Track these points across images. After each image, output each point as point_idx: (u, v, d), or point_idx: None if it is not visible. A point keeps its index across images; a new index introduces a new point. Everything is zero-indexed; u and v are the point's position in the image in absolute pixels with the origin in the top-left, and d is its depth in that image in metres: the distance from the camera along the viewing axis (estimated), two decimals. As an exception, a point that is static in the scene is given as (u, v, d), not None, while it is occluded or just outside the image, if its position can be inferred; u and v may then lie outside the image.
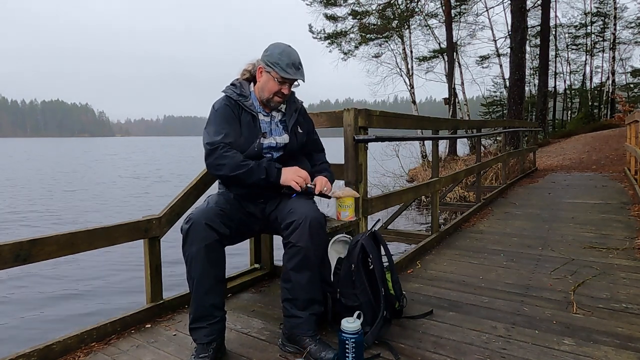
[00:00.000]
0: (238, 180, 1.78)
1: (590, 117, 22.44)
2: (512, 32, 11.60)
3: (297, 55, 1.85)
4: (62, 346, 1.75)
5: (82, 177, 18.69)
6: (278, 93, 1.85)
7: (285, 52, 1.82)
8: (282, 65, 1.80)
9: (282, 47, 1.84)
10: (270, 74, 1.83)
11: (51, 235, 1.72)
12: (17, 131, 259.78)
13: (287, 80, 1.83)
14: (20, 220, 8.98)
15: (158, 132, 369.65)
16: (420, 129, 4.27)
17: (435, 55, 19.63)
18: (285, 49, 1.84)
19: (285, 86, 1.85)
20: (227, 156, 1.75)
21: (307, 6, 18.24)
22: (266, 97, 1.87)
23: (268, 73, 1.83)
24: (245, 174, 1.74)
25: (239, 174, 1.75)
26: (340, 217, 2.27)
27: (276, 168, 1.78)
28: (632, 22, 24.02)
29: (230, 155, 1.76)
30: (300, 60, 1.85)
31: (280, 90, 1.84)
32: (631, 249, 3.25)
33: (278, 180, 1.78)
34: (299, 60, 1.84)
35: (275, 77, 1.82)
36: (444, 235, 3.79)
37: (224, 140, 1.78)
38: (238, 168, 1.74)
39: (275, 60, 1.81)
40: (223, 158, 1.76)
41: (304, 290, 1.74)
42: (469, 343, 1.84)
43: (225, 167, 1.75)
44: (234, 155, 1.76)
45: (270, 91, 1.85)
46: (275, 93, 1.85)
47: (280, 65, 1.80)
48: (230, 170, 1.75)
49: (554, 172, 9.14)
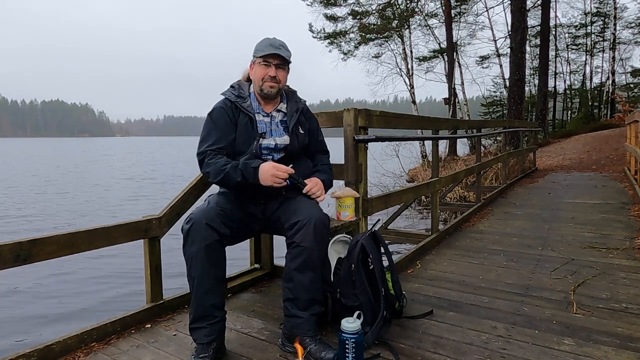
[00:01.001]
0: (224, 185, 1.82)
1: (590, 117, 22.44)
2: (512, 32, 11.60)
3: (278, 40, 1.89)
4: (62, 346, 1.75)
5: (75, 179, 18.19)
6: (266, 78, 1.86)
7: (265, 39, 1.88)
8: (260, 48, 1.86)
9: (263, 38, 1.90)
10: (255, 63, 1.89)
11: (51, 235, 1.72)
12: (17, 131, 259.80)
13: (269, 58, 1.84)
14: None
15: (158, 132, 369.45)
16: (420, 129, 4.27)
17: (435, 55, 19.65)
18: (265, 38, 1.89)
19: (271, 68, 1.86)
20: (210, 163, 1.78)
21: (307, 6, 18.28)
22: (259, 87, 1.89)
23: (254, 63, 1.90)
24: (225, 179, 1.76)
25: (220, 180, 1.77)
26: (340, 217, 2.27)
27: (252, 167, 1.74)
28: (632, 22, 24.05)
29: (214, 162, 1.78)
30: (281, 43, 1.88)
31: (267, 74, 1.86)
32: (631, 249, 3.25)
33: (257, 180, 1.73)
34: (279, 42, 1.87)
35: (259, 61, 1.86)
36: (444, 235, 3.78)
37: (210, 147, 1.81)
38: (219, 174, 1.76)
39: (256, 48, 1.88)
40: (208, 165, 1.79)
41: (306, 291, 1.74)
42: (469, 343, 1.84)
43: (210, 174, 1.79)
44: (216, 161, 1.78)
45: (259, 78, 1.88)
46: (264, 79, 1.87)
47: (259, 48, 1.87)
48: (214, 177, 1.78)
49: (554, 172, 9.14)
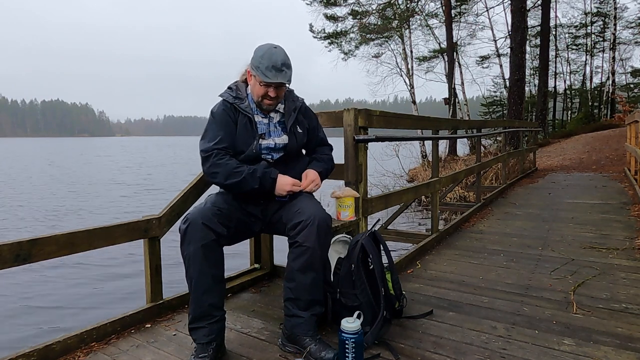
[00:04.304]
0: (234, 188, 1.79)
1: (590, 117, 22.42)
2: (512, 32, 11.60)
3: (281, 57, 1.76)
4: (62, 346, 1.75)
5: (64, 180, 17.63)
6: (265, 96, 1.82)
7: (266, 54, 1.75)
8: (262, 68, 1.75)
9: (265, 49, 1.77)
10: (255, 77, 1.81)
11: (51, 235, 1.72)
12: (17, 131, 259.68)
13: (270, 84, 1.78)
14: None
15: (158, 132, 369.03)
16: (420, 129, 4.27)
17: (435, 55, 19.66)
18: (267, 50, 1.76)
19: (271, 89, 1.79)
20: (220, 164, 1.76)
21: (307, 6, 18.28)
22: (256, 101, 1.86)
23: (254, 77, 1.81)
24: (239, 183, 1.75)
25: (232, 183, 1.76)
26: (340, 217, 2.27)
27: (271, 178, 1.78)
28: (632, 22, 24.06)
29: (224, 163, 1.76)
30: (284, 61, 1.76)
31: (267, 94, 1.81)
32: (631, 249, 3.25)
33: (272, 189, 1.80)
34: (281, 61, 1.75)
35: (259, 81, 1.79)
36: (444, 235, 3.78)
37: (217, 146, 1.78)
38: (231, 176, 1.75)
39: (257, 63, 1.76)
40: (216, 166, 1.76)
41: (307, 291, 1.74)
42: (469, 343, 1.83)
43: (219, 175, 1.76)
44: (227, 162, 1.76)
45: (257, 95, 1.83)
46: (263, 96, 1.82)
47: (260, 69, 1.75)
48: (224, 179, 1.76)
49: (554, 172, 9.13)
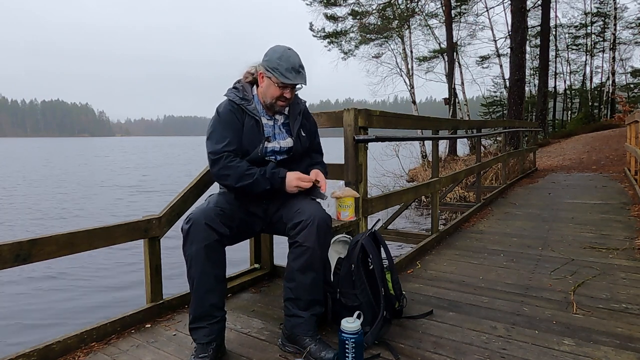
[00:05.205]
0: (246, 190, 1.79)
1: (590, 117, 22.43)
2: (512, 32, 11.60)
3: (297, 58, 1.80)
4: (62, 346, 1.75)
5: (58, 180, 17.53)
6: (281, 97, 1.82)
7: (284, 56, 1.78)
8: (281, 70, 1.76)
9: (281, 51, 1.79)
10: (270, 79, 1.80)
11: (51, 235, 1.72)
12: (17, 131, 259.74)
13: (288, 84, 1.80)
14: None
15: (158, 132, 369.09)
16: (420, 129, 4.27)
17: (435, 55, 19.67)
18: (284, 52, 1.79)
19: (287, 90, 1.81)
20: (231, 166, 1.76)
21: (307, 6, 18.28)
22: (269, 102, 1.85)
23: (269, 78, 1.80)
24: (251, 185, 1.76)
25: (245, 185, 1.76)
26: (340, 217, 2.27)
27: (280, 177, 1.79)
28: (632, 22, 24.06)
29: (235, 165, 1.76)
30: (300, 63, 1.80)
31: (283, 95, 1.82)
32: (631, 249, 3.25)
33: (283, 188, 1.81)
34: (299, 63, 1.79)
35: (276, 82, 1.78)
36: (444, 235, 3.78)
37: (226, 148, 1.77)
38: (243, 179, 1.75)
39: (274, 65, 1.77)
40: (227, 168, 1.76)
41: (307, 291, 1.74)
42: (469, 343, 1.84)
43: (230, 177, 1.76)
44: (238, 164, 1.76)
45: (272, 96, 1.82)
46: (278, 98, 1.82)
47: (280, 70, 1.76)
48: (236, 181, 1.76)
49: (554, 172, 9.13)
